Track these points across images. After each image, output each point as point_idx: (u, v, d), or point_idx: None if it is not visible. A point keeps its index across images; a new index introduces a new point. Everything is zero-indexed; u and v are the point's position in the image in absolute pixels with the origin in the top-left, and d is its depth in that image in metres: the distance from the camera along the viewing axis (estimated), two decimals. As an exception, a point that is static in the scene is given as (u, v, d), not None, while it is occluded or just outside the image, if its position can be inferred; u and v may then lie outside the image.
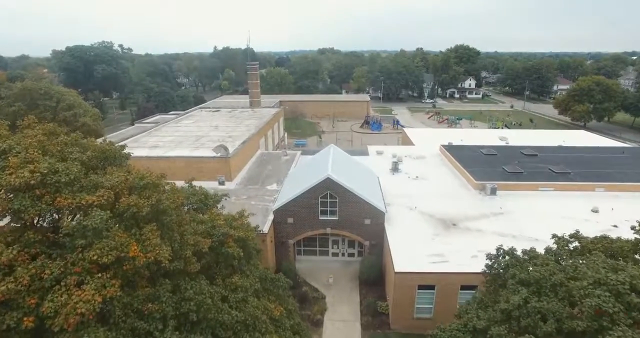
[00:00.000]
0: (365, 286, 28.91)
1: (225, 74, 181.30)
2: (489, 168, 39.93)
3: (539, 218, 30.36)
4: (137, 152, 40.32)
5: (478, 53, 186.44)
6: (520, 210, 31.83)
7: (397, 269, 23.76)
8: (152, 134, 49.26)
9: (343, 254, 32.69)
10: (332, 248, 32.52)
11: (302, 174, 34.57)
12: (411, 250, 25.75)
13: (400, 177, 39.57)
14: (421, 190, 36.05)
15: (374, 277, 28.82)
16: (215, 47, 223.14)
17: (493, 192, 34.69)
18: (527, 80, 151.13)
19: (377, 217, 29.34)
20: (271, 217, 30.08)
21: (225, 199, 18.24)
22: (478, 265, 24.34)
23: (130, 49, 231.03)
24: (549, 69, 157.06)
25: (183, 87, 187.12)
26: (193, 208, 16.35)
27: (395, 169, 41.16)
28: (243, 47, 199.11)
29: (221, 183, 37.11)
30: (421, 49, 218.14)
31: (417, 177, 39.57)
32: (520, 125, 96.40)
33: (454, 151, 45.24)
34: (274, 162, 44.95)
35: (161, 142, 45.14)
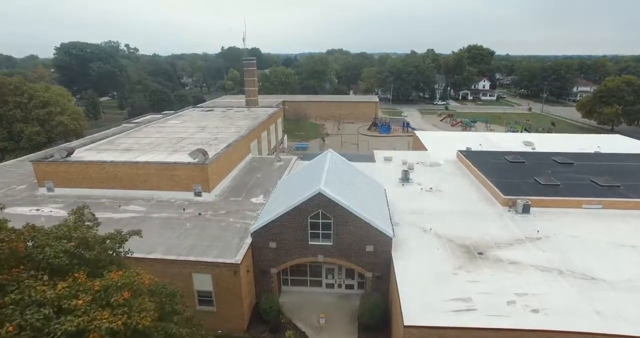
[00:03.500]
0: (366, 331, 22.64)
1: (230, 73, 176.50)
2: (517, 179, 33.45)
3: (589, 246, 23.89)
4: (104, 157, 34.75)
5: (492, 53, 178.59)
6: (562, 234, 25.32)
7: (407, 322, 17.49)
8: (130, 135, 43.59)
9: (340, 286, 26.44)
10: (327, 278, 26.30)
11: (291, 186, 28.44)
12: (426, 292, 19.47)
13: (411, 189, 33.32)
14: (437, 205, 29.75)
15: (377, 320, 22.54)
16: (222, 47, 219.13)
17: (526, 209, 28.22)
18: (545, 81, 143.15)
19: (383, 243, 23.09)
20: (249, 240, 24.04)
21: (138, 237, 11.75)
22: (517, 315, 18.25)
23: (136, 49, 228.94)
24: (568, 70, 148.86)
25: (187, 87, 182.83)
26: (56, 265, 9.73)
27: (405, 178, 34.92)
28: (249, 47, 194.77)
29: (197, 194, 31.29)
30: (432, 50, 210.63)
31: (431, 188, 33.30)
32: (549, 131, 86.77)
33: (473, 158, 38.81)
34: (265, 168, 38.98)
35: (137, 144, 39.41)
